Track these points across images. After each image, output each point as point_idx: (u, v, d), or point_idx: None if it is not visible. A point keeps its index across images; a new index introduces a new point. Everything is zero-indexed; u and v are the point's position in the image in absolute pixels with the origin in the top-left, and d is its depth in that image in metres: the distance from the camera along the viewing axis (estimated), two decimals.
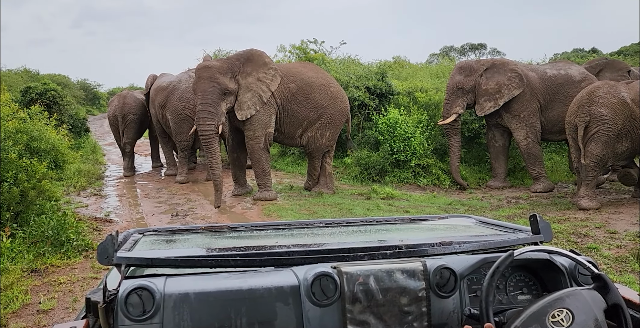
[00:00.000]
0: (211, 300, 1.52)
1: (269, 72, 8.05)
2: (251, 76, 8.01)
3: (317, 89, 8.47)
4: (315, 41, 15.71)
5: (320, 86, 8.51)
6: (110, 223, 7.21)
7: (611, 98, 7.57)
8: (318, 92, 8.48)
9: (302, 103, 8.42)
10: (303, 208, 7.89)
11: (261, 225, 2.43)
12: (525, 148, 9.55)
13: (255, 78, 8.00)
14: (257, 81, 7.99)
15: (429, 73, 16.16)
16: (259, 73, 8.03)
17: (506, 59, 10.04)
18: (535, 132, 9.52)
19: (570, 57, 18.85)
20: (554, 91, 9.50)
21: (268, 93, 8.02)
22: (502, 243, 1.85)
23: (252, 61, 8.11)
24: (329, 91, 8.57)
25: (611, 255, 5.38)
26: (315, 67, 9.09)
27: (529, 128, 9.47)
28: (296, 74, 8.49)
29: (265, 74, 8.04)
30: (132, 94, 12.03)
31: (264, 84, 8.02)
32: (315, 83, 8.49)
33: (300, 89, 8.38)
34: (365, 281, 1.57)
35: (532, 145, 9.51)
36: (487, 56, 30.82)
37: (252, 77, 8.00)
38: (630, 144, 7.69)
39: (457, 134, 9.97)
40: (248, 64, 8.09)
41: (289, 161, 12.06)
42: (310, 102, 8.44)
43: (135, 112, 11.62)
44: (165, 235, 2.29)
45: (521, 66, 9.76)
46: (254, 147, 8.30)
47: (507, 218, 7.25)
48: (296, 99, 8.38)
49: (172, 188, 10.00)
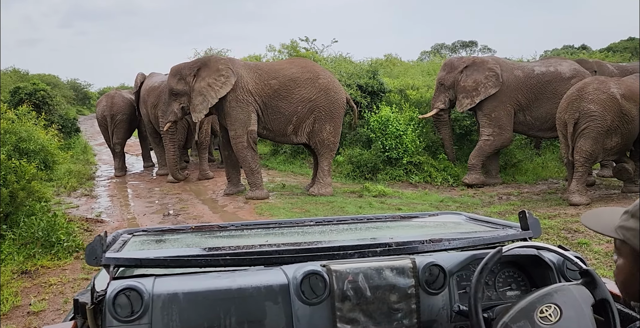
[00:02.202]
0: (200, 300, 1.52)
1: (219, 79, 8.18)
2: (204, 81, 8.26)
3: (303, 83, 8.43)
4: (306, 39, 15.71)
5: (307, 80, 8.45)
6: (102, 223, 7.16)
7: (600, 94, 7.62)
8: (304, 86, 8.43)
9: (287, 99, 8.38)
10: (295, 206, 7.88)
11: (251, 224, 2.43)
12: (482, 143, 9.63)
13: (206, 83, 8.23)
14: (207, 86, 8.21)
15: (420, 71, 16.21)
16: (210, 79, 8.22)
17: (487, 58, 10.10)
18: (501, 135, 9.53)
19: (561, 53, 18.96)
20: (541, 89, 9.50)
21: (215, 99, 8.16)
22: (491, 239, 1.86)
23: (208, 67, 8.33)
24: (316, 84, 8.48)
25: (601, 250, 5.42)
26: (304, 62, 8.99)
27: (497, 129, 9.51)
28: (278, 71, 8.48)
29: (215, 80, 8.19)
30: (120, 94, 11.93)
31: (212, 90, 8.18)
32: (300, 78, 8.44)
33: (282, 84, 8.36)
34: (355, 279, 1.57)
35: (490, 143, 9.56)
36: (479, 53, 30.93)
37: (204, 82, 8.25)
38: (620, 139, 7.75)
39: (445, 126, 10.29)
40: (204, 69, 8.34)
41: (280, 160, 12.04)
42: (295, 96, 8.39)
43: (124, 112, 11.54)
44: (155, 235, 2.28)
45: (506, 65, 9.79)
46: (237, 146, 8.35)
47: (499, 214, 7.29)
48: (279, 95, 8.35)
49: (164, 187, 9.96)
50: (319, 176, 8.77)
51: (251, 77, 8.34)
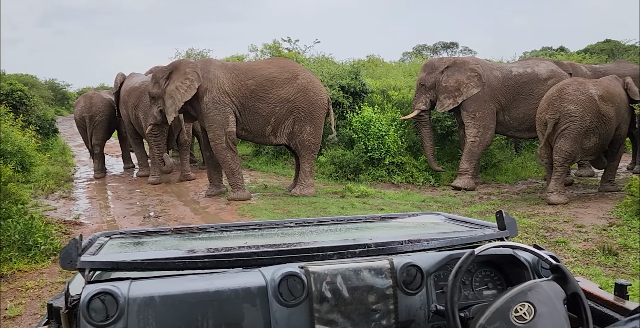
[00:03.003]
0: (177, 303, 1.50)
1: (184, 82, 8.22)
2: (173, 84, 8.34)
3: (281, 83, 8.36)
4: (289, 39, 15.68)
5: (285, 80, 8.39)
6: (80, 226, 7.06)
7: (580, 95, 7.75)
8: (282, 86, 8.36)
9: (264, 99, 8.33)
10: (277, 207, 7.86)
11: (231, 225, 2.41)
12: (470, 145, 9.66)
13: (174, 86, 8.30)
14: (175, 88, 8.28)
15: (402, 71, 16.29)
16: (177, 82, 8.27)
17: (468, 58, 10.20)
18: (486, 134, 9.62)
19: (540, 55, 19.23)
20: (518, 90, 9.60)
21: (180, 102, 8.23)
22: (469, 239, 1.88)
23: (178, 70, 8.38)
24: (295, 84, 8.40)
25: (578, 248, 5.51)
26: (283, 62, 8.90)
27: (482, 129, 9.58)
28: (255, 71, 8.43)
29: (181, 83, 8.24)
30: (98, 94, 11.75)
31: (179, 92, 8.24)
32: (278, 78, 8.38)
33: (259, 85, 8.31)
34: (333, 280, 1.57)
35: (477, 145, 9.62)
36: (459, 54, 31.23)
37: (173, 84, 8.33)
38: (598, 140, 7.90)
39: (426, 127, 10.19)
40: (175, 72, 8.41)
41: (263, 161, 12.00)
42: (273, 97, 8.33)
43: (103, 112, 11.37)
44: (133, 238, 2.25)
45: (486, 65, 9.88)
46: (217, 147, 8.33)
47: (479, 214, 7.36)
48: (256, 96, 8.31)
49: (145, 189, 9.86)
50: (301, 177, 8.75)
51: (228, 78, 8.29)
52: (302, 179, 8.73)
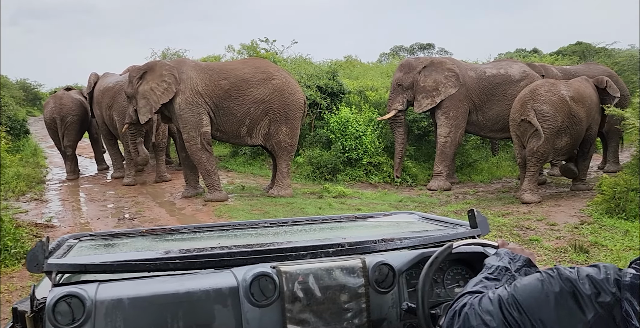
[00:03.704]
0: (146, 305, 1.48)
1: (161, 85, 8.16)
2: (147, 84, 8.27)
3: (255, 83, 8.29)
4: (266, 40, 15.59)
5: (260, 81, 8.32)
6: (52, 228, 6.91)
7: (552, 96, 7.91)
8: (256, 86, 8.29)
9: (238, 100, 8.26)
10: (255, 208, 7.83)
11: (204, 226, 2.39)
12: (442, 145, 9.72)
13: (149, 87, 8.25)
14: (150, 89, 8.23)
15: (379, 72, 16.40)
16: (153, 83, 8.21)
17: (445, 58, 10.29)
18: (457, 134, 9.69)
19: (513, 56, 19.55)
20: (491, 91, 9.71)
21: (157, 104, 8.18)
22: (441, 238, 1.90)
23: (153, 71, 8.32)
24: (270, 84, 8.33)
25: (551, 246, 5.62)
26: (258, 62, 8.83)
27: (453, 128, 9.64)
28: (229, 71, 8.36)
29: (157, 85, 8.18)
30: (68, 95, 11.48)
31: (155, 94, 8.19)
32: (253, 78, 8.31)
33: (233, 85, 8.24)
34: (305, 280, 1.57)
35: (449, 145, 9.69)
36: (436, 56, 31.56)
37: (148, 85, 8.26)
38: (570, 139, 8.08)
39: (401, 128, 10.14)
40: (149, 73, 8.34)
41: (240, 161, 11.94)
42: (247, 98, 8.27)
43: (74, 113, 11.12)
44: (103, 240, 2.22)
45: (461, 65, 9.98)
46: (192, 148, 8.26)
47: (455, 213, 7.45)
48: (230, 96, 8.24)
49: (119, 190, 9.70)
50: (278, 177, 8.72)
51: (201, 79, 8.21)
52: (279, 180, 8.70)
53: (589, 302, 1.04)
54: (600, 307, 1.04)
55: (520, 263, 1.39)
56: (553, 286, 1.09)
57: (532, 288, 1.12)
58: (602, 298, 1.04)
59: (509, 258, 1.41)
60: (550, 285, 1.09)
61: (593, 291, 1.05)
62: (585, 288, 1.06)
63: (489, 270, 1.38)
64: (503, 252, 1.44)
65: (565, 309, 1.06)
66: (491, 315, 1.14)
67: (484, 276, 1.35)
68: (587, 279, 1.07)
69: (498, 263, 1.39)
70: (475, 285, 1.33)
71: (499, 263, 1.39)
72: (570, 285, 1.07)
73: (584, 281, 1.07)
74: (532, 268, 1.39)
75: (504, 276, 1.34)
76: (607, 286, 1.05)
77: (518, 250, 1.45)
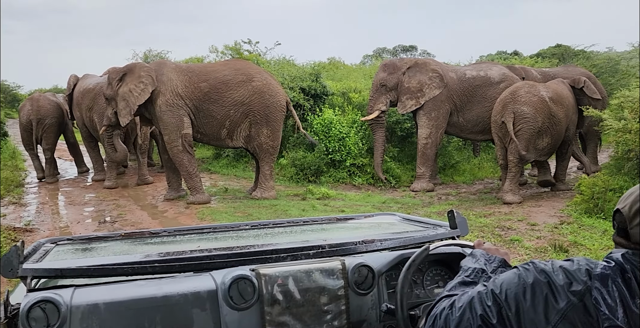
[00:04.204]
0: (123, 310, 1.46)
1: (138, 86, 8.12)
2: (126, 86, 8.23)
3: (235, 86, 8.24)
4: (249, 41, 15.54)
5: (239, 83, 8.26)
6: (31, 232, 6.79)
7: (532, 97, 8.03)
8: (236, 88, 8.24)
9: (218, 102, 8.21)
10: (238, 210, 7.79)
11: (184, 229, 2.37)
12: (423, 147, 9.73)
13: (128, 88, 8.20)
14: (129, 91, 8.18)
15: (362, 74, 16.44)
16: (131, 84, 8.17)
17: (428, 59, 10.35)
18: (437, 135, 9.72)
19: (495, 59, 19.81)
20: (471, 92, 9.75)
21: (135, 105, 8.12)
22: (421, 239, 1.91)
23: (133, 72, 8.27)
24: (249, 86, 8.27)
25: (532, 246, 5.69)
26: (239, 64, 8.78)
27: (434, 129, 9.65)
28: (209, 73, 8.31)
29: (135, 86, 8.14)
30: (45, 97, 11.26)
31: (132, 95, 8.14)
32: (232, 80, 8.26)
33: (213, 87, 8.19)
34: (284, 282, 1.56)
35: (429, 146, 9.69)
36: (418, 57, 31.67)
37: (127, 87, 8.22)
38: (550, 140, 8.21)
39: (381, 129, 10.08)
40: (129, 74, 8.30)
41: (223, 164, 11.87)
42: (227, 100, 8.22)
43: (52, 115, 10.90)
44: (81, 244, 2.19)
45: (443, 67, 10.04)
46: (173, 150, 8.21)
47: (437, 214, 7.50)
48: (210, 99, 8.20)
49: (100, 193, 9.57)
50: (261, 180, 8.69)
51: (181, 81, 8.17)
52: (262, 182, 8.67)
53: (562, 291, 1.10)
54: (572, 296, 1.09)
55: (496, 264, 1.41)
56: (529, 278, 1.14)
57: (509, 281, 1.17)
58: (574, 287, 1.10)
59: (484, 259, 1.43)
60: (527, 277, 1.15)
61: (566, 281, 1.11)
62: (559, 278, 1.11)
63: (465, 272, 1.39)
64: (479, 253, 1.46)
65: (540, 298, 1.11)
66: (471, 313, 1.17)
67: (460, 280, 1.37)
68: (561, 270, 1.13)
69: (474, 265, 1.41)
70: (452, 289, 1.35)
71: (475, 265, 1.41)
72: (545, 276, 1.13)
73: (557, 273, 1.13)
74: (507, 268, 1.41)
75: (481, 278, 1.36)
76: (579, 275, 1.11)
77: (493, 250, 1.47)
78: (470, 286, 1.34)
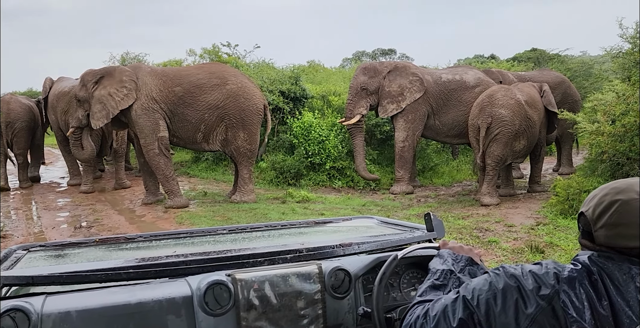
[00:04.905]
0: (95, 318, 1.43)
1: (121, 90, 8.03)
2: (104, 89, 8.09)
3: (209, 89, 8.18)
4: (228, 44, 15.47)
5: (213, 86, 8.21)
6: (5, 239, 6.64)
7: (509, 100, 8.16)
8: (210, 92, 8.18)
9: (192, 106, 8.15)
10: (217, 214, 7.73)
11: (161, 234, 2.34)
12: (400, 150, 9.71)
13: (107, 92, 8.07)
14: (108, 94, 8.06)
15: (342, 77, 16.50)
16: (112, 88, 8.06)
17: (408, 63, 10.39)
18: (414, 137, 9.72)
19: (472, 62, 20.10)
20: (447, 96, 9.78)
21: (115, 110, 8.03)
22: (398, 241, 1.92)
23: (112, 76, 8.16)
24: (224, 90, 8.21)
25: (509, 247, 5.77)
26: (214, 67, 8.70)
27: (410, 132, 9.65)
28: (183, 77, 8.26)
29: (116, 90, 8.04)
30: (16, 99, 10.99)
31: (113, 100, 8.04)
32: (206, 84, 8.20)
33: (187, 91, 8.14)
34: (261, 287, 1.56)
35: (407, 149, 9.68)
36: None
37: (105, 90, 8.08)
38: (527, 142, 8.36)
39: (361, 134, 9.97)
40: (107, 78, 8.17)
41: (202, 167, 11.78)
42: (201, 104, 8.16)
43: (23, 119, 10.64)
44: (54, 250, 2.14)
45: (421, 70, 10.07)
46: (149, 154, 8.14)
47: (417, 216, 7.55)
48: (184, 102, 8.14)
49: (76, 198, 9.41)
50: (240, 183, 8.65)
51: (155, 84, 8.11)
52: (241, 185, 8.62)
53: (532, 296, 1.11)
54: (541, 300, 1.10)
55: (463, 263, 1.43)
56: (499, 283, 1.16)
57: (480, 287, 1.18)
58: (543, 291, 1.11)
59: (451, 259, 1.44)
60: (497, 282, 1.16)
61: (535, 285, 1.12)
62: (528, 282, 1.13)
63: (434, 275, 1.41)
64: (445, 253, 1.47)
65: (511, 303, 1.12)
66: (445, 322, 1.18)
67: (430, 283, 1.38)
68: (530, 274, 1.14)
69: (442, 267, 1.42)
70: (423, 293, 1.36)
71: (443, 266, 1.42)
72: (515, 281, 1.14)
73: (527, 277, 1.14)
74: (474, 266, 1.42)
75: (450, 280, 1.37)
76: (547, 279, 1.12)
77: (457, 249, 1.49)
78: (440, 289, 1.35)
